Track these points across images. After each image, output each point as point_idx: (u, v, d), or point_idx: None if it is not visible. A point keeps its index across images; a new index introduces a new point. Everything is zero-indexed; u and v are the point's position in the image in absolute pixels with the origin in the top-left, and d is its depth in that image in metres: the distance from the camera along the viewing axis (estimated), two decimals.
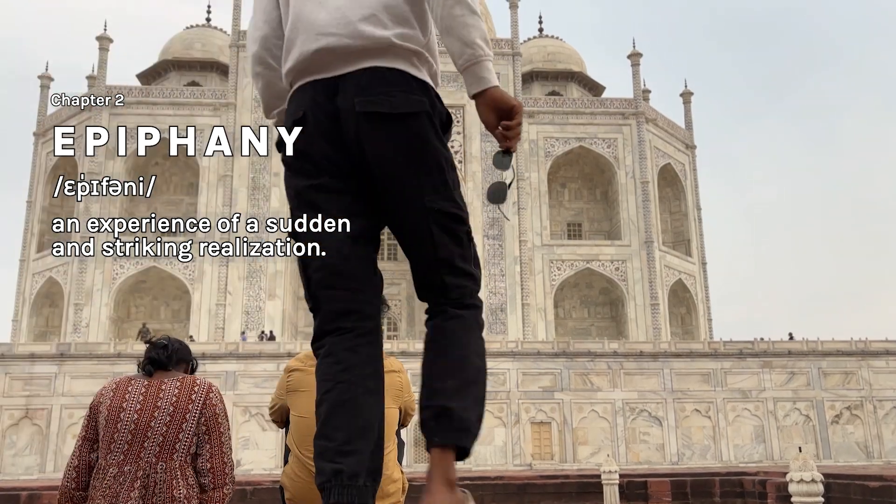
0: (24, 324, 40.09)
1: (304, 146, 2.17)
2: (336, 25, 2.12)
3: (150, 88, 42.41)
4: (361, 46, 2.11)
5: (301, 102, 2.17)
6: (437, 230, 2.12)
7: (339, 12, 2.12)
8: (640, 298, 41.08)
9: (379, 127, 2.07)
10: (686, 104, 49.29)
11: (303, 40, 2.16)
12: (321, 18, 2.13)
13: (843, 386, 32.98)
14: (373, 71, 2.10)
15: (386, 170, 2.09)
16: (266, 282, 38.91)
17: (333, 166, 2.14)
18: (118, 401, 3.25)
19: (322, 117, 2.12)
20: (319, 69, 2.14)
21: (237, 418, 29.40)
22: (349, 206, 2.14)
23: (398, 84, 2.12)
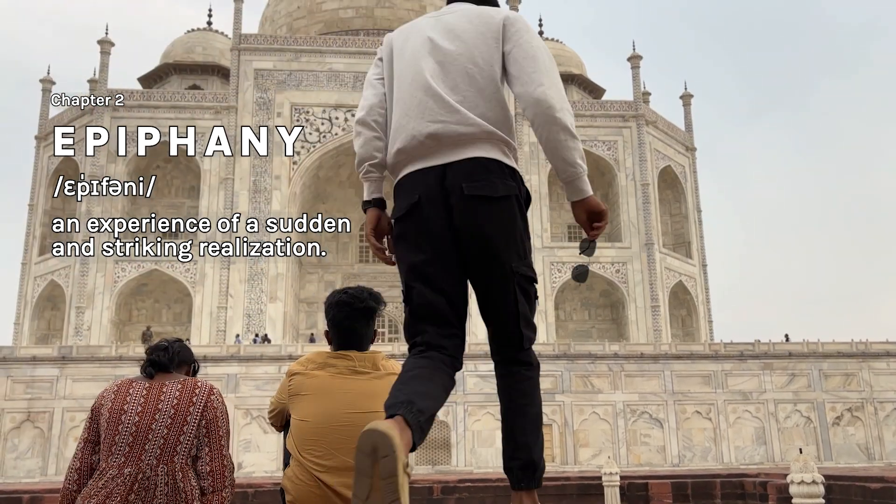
0: (25, 327, 40.13)
1: (418, 226, 2.63)
2: (446, 114, 2.59)
3: (152, 92, 42.51)
4: (468, 134, 2.58)
5: (415, 187, 2.63)
6: (518, 290, 2.61)
7: (448, 104, 2.60)
8: (640, 300, 41.09)
9: (481, 206, 2.55)
10: (686, 106, 49.34)
11: (415, 125, 2.63)
12: (431, 107, 2.61)
13: (843, 388, 32.98)
14: (476, 160, 2.58)
15: (483, 241, 2.57)
16: (267, 284, 38.95)
17: (440, 242, 2.60)
18: (119, 403, 3.27)
19: (434, 201, 2.59)
20: (430, 154, 2.62)
21: (238, 421, 29.42)
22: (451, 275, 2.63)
23: (495, 171, 2.59)
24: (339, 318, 3.53)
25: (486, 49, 2.67)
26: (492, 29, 2.70)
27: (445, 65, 2.66)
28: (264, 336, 36.50)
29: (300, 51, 42.30)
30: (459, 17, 2.78)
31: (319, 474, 3.24)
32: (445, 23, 2.79)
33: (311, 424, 3.33)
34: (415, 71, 2.69)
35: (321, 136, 41.30)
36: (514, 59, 2.64)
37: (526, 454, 2.58)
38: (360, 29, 47.26)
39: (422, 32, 2.79)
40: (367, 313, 3.52)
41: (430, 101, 2.62)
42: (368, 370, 3.47)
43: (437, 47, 2.70)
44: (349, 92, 41.90)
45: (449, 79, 2.64)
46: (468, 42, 2.69)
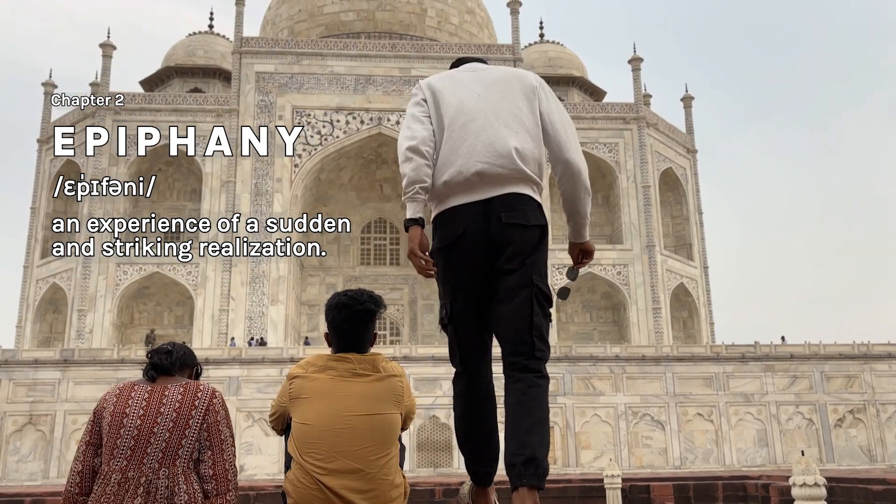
0: (27, 330, 40.16)
1: (462, 256, 3.10)
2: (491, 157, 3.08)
3: (153, 95, 42.58)
4: (508, 175, 3.07)
5: (460, 220, 3.09)
6: (535, 303, 3.01)
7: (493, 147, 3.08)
8: (641, 302, 41.08)
9: (515, 230, 3.05)
10: (687, 108, 49.34)
11: (462, 162, 3.08)
12: (479, 150, 3.09)
13: (845, 389, 32.94)
14: (514, 195, 3.08)
15: (514, 251, 3.04)
16: (269, 287, 38.97)
17: (477, 265, 3.09)
18: (121, 406, 3.27)
19: (477, 234, 3.06)
20: (474, 189, 3.08)
21: (240, 423, 29.42)
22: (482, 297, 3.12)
23: (528, 205, 3.11)
24: (339, 320, 3.54)
25: (527, 102, 3.21)
26: (528, 87, 3.26)
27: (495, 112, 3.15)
28: (260, 339, 36.44)
29: (301, 54, 42.35)
30: (497, 74, 3.33)
31: (321, 477, 3.25)
32: (484, 77, 3.31)
33: (312, 427, 3.33)
34: (467, 118, 3.15)
35: (322, 139, 41.34)
36: (549, 120, 3.20)
37: (529, 451, 2.77)
38: (361, 32, 47.31)
39: (465, 82, 3.29)
40: (367, 316, 3.53)
41: (479, 144, 3.09)
42: (369, 372, 3.47)
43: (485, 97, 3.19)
44: (350, 95, 41.95)
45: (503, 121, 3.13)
46: (511, 94, 3.22)
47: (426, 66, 42.89)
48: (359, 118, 41.76)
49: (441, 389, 29.73)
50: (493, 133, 3.10)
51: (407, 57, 42.93)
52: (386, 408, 3.42)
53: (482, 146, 3.08)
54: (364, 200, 46.54)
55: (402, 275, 46.14)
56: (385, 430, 3.39)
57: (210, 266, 38.91)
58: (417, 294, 45.85)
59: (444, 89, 3.28)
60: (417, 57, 43.00)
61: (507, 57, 43.52)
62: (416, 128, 3.22)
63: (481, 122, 3.13)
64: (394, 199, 46.92)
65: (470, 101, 3.20)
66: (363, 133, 41.70)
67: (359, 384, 3.43)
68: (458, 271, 3.11)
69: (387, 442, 3.38)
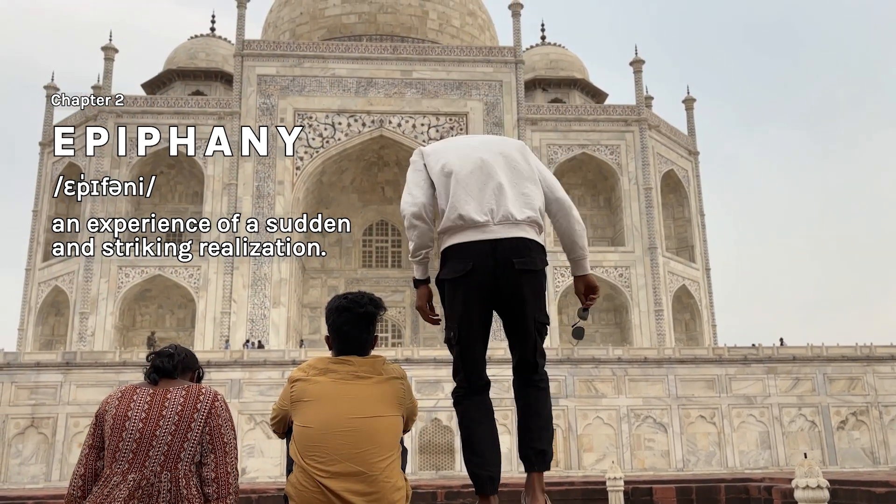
0: (29, 333, 40.20)
1: (469, 288, 3.46)
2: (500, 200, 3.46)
3: (155, 98, 42.64)
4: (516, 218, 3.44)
5: (470, 256, 3.44)
6: (537, 334, 3.56)
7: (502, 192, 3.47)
8: (643, 305, 41.04)
9: (525, 276, 3.44)
10: (689, 110, 49.33)
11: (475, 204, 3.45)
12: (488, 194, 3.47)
13: (848, 391, 32.88)
14: (521, 239, 3.45)
15: (521, 301, 3.48)
16: (271, 290, 38.98)
17: (485, 300, 3.48)
18: (123, 409, 3.27)
19: (485, 269, 3.42)
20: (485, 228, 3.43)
21: (242, 426, 29.42)
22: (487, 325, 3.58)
23: (533, 249, 3.48)
24: (339, 323, 3.54)
25: (521, 155, 3.64)
26: (517, 144, 3.71)
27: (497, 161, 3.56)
28: (258, 342, 36.40)
29: (303, 56, 42.40)
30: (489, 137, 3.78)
31: (323, 480, 3.24)
32: (477, 137, 3.77)
33: (313, 430, 3.33)
34: (474, 165, 3.52)
35: (324, 142, 41.38)
36: (538, 170, 3.65)
37: (539, 444, 3.48)
38: (362, 35, 47.36)
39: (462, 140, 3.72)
40: (367, 318, 3.54)
41: (488, 188, 3.47)
42: (370, 375, 3.47)
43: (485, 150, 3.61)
44: (352, 97, 41.98)
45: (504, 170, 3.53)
46: (506, 148, 3.66)
47: (428, 68, 42.93)
48: (360, 121, 41.79)
49: (443, 392, 29.71)
50: (500, 179, 3.50)
51: (408, 59, 42.97)
52: (388, 410, 3.42)
53: (491, 191, 3.47)
54: (366, 203, 46.57)
55: (403, 277, 46.13)
56: (387, 433, 3.39)
57: (212, 268, 38.94)
58: None
59: (444, 147, 3.69)
60: (419, 59, 43.04)
61: (508, 59, 43.55)
62: (417, 193, 3.59)
63: (488, 170, 3.52)
64: (395, 202, 46.89)
65: (473, 152, 3.59)
66: (365, 135, 41.73)
67: (360, 387, 3.43)
68: (465, 302, 3.48)
69: (389, 444, 3.38)
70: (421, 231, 3.53)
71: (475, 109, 42.50)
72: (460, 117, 42.40)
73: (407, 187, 3.64)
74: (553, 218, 3.66)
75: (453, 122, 42.34)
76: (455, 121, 42.37)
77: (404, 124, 41.96)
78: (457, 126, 42.27)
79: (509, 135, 42.34)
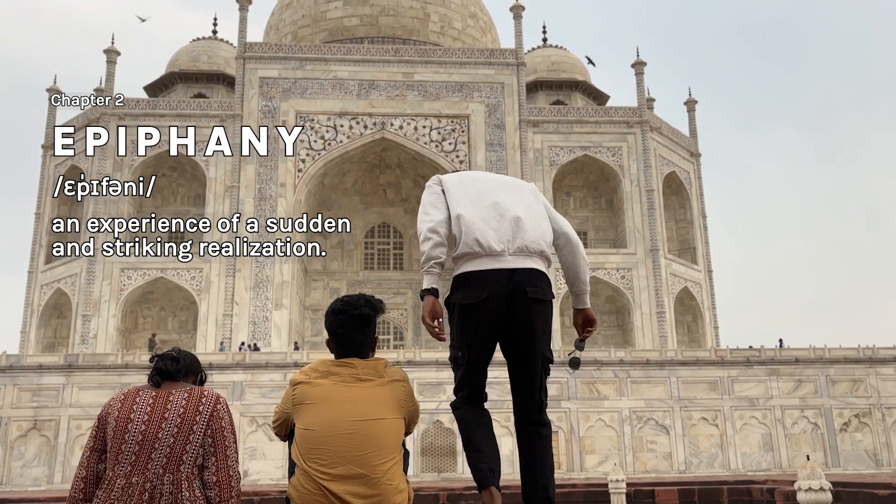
0: (32, 335, 40.24)
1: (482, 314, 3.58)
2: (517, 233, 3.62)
3: (157, 100, 42.70)
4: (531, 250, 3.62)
5: (486, 284, 3.56)
6: (542, 368, 3.71)
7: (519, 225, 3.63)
8: (646, 306, 41.00)
9: (535, 306, 3.59)
10: (690, 112, 49.33)
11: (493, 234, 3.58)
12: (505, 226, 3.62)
13: (851, 393, 32.82)
14: (535, 271, 3.61)
15: (531, 331, 3.62)
16: (273, 292, 38.99)
17: (496, 326, 3.62)
18: (126, 412, 3.28)
19: (500, 297, 3.55)
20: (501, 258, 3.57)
21: (244, 428, 29.43)
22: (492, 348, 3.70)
23: (544, 281, 3.66)
24: (335, 325, 3.55)
25: (532, 196, 3.86)
26: (527, 186, 3.93)
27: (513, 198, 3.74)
28: (253, 345, 36.32)
29: (305, 59, 42.45)
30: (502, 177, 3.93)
31: (325, 483, 3.24)
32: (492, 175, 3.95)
33: (315, 433, 3.33)
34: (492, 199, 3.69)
35: (326, 144, 41.41)
36: (547, 208, 3.86)
37: (545, 493, 3.62)
38: (364, 37, 47.40)
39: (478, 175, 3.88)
40: (362, 320, 3.53)
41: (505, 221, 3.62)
42: (372, 377, 3.47)
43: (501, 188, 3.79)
44: (354, 100, 42.02)
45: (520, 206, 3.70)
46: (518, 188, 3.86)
47: (429, 70, 42.96)
48: (362, 123, 41.82)
49: (445, 394, 29.69)
50: (517, 212, 3.67)
51: (410, 62, 43.01)
52: (390, 413, 3.43)
53: (508, 223, 3.63)
54: (368, 205, 46.59)
55: (405, 279, 46.13)
56: (389, 435, 3.39)
57: (214, 271, 38.97)
58: None
59: (462, 178, 3.87)
60: (421, 62, 43.08)
61: (509, 61, 43.57)
62: (434, 213, 3.74)
63: (506, 205, 3.69)
64: (397, 204, 46.93)
65: (490, 189, 3.77)
66: (367, 138, 41.76)
67: (362, 389, 3.43)
68: (477, 328, 3.62)
69: (390, 447, 3.38)
70: (435, 243, 3.65)
71: (477, 112, 42.52)
72: (462, 119, 42.42)
73: (423, 208, 3.78)
74: (560, 252, 3.87)
75: (455, 125, 42.35)
76: (457, 123, 42.39)
77: (406, 126, 41.98)
78: (458, 128, 42.28)
79: (510, 137, 42.38)
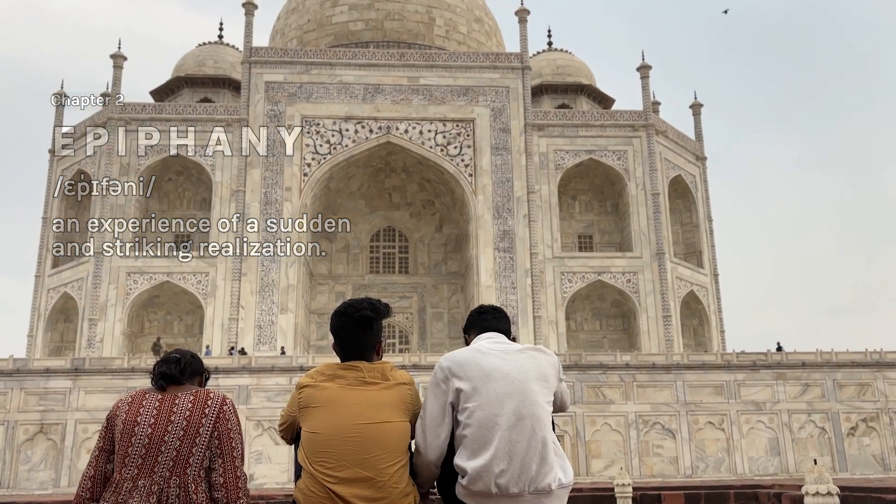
0: (39, 339, 40.36)
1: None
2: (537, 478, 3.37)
3: (163, 105, 42.86)
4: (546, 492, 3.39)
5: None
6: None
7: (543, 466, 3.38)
8: (651, 310, 40.91)
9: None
10: (696, 116, 49.26)
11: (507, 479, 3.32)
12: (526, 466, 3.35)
13: (858, 398, 32.66)
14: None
15: None
16: (278, 296, 39.05)
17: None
18: (133, 415, 3.29)
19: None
20: (516, 501, 3.34)
21: (250, 432, 29.45)
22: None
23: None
24: (337, 328, 3.57)
25: (555, 378, 3.60)
26: (552, 369, 3.60)
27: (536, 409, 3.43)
28: (241, 349, 36.27)
29: (310, 63, 42.56)
30: (524, 361, 3.54)
31: (332, 486, 3.24)
32: (517, 364, 3.52)
33: (321, 436, 3.33)
34: (513, 415, 3.38)
35: (331, 148, 41.49)
36: (560, 392, 3.66)
37: None
38: (369, 41, 47.51)
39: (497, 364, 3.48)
40: (364, 323, 3.54)
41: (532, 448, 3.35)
42: (378, 381, 3.48)
43: (526, 385, 3.45)
44: (359, 104, 42.10)
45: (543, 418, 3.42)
46: (542, 373, 3.55)
47: (434, 74, 43.01)
48: (367, 127, 41.90)
49: None
50: (544, 432, 3.40)
51: (415, 66, 43.08)
52: (395, 416, 3.43)
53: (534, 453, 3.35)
54: (373, 209, 46.64)
55: (410, 283, 46.14)
56: (395, 438, 3.39)
57: (220, 275, 39.06)
58: (426, 302, 45.85)
59: (474, 374, 3.48)
60: (426, 66, 43.15)
61: (515, 65, 43.60)
62: (433, 441, 3.45)
63: (531, 423, 3.39)
64: (402, 208, 46.96)
65: (508, 399, 3.42)
66: (372, 142, 41.83)
67: (368, 392, 3.43)
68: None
69: (397, 450, 3.38)
70: (432, 475, 3.53)
71: (482, 115, 42.54)
72: (467, 123, 42.45)
73: (428, 416, 3.47)
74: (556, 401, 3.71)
75: (460, 129, 42.39)
76: (462, 127, 42.42)
77: (411, 130, 42.04)
78: (463, 132, 42.31)
79: (516, 141, 42.30)
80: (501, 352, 3.57)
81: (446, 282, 46.27)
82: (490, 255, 40.70)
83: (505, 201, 41.43)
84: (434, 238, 47.03)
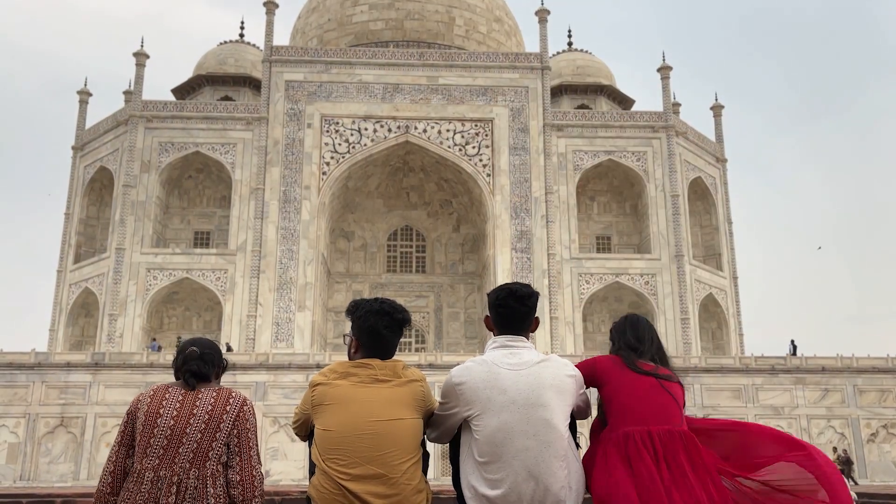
0: (60, 333, 40.89)
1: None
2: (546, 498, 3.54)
3: (185, 103, 43.23)
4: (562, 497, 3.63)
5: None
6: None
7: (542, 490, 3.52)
8: (669, 313, 40.67)
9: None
10: (717, 117, 48.89)
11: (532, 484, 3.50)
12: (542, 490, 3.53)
13: (879, 404, 32.27)
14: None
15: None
16: (296, 293, 39.27)
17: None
18: (155, 407, 3.35)
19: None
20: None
21: (266, 429, 29.64)
22: None
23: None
24: (378, 326, 3.60)
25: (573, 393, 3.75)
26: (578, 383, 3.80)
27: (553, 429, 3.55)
28: (227, 346, 36.17)
29: (330, 63, 42.74)
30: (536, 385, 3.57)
31: (345, 483, 3.28)
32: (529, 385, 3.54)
33: (334, 434, 3.37)
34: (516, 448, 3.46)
35: (350, 147, 41.65)
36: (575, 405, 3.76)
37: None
38: (389, 41, 47.62)
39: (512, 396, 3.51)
40: (402, 325, 3.68)
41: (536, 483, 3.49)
42: (390, 378, 3.51)
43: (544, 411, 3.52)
44: (378, 103, 42.22)
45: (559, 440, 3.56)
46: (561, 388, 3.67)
47: (454, 74, 43.03)
48: (386, 126, 42.01)
49: None
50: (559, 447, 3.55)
51: (435, 65, 43.12)
52: (408, 413, 3.46)
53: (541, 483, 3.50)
54: (391, 208, 46.76)
55: (427, 282, 46.20)
56: (407, 436, 3.42)
57: (238, 272, 39.35)
58: (443, 302, 45.89)
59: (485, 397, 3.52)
60: (445, 65, 43.18)
61: (534, 65, 43.50)
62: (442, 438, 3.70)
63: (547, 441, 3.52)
64: (420, 207, 47.04)
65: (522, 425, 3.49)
66: (391, 141, 41.93)
67: (380, 390, 3.47)
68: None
69: (409, 447, 3.41)
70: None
71: (501, 115, 42.50)
72: (486, 123, 42.43)
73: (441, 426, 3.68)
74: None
75: (479, 128, 42.38)
76: (480, 126, 42.41)
77: (430, 130, 42.09)
78: (482, 132, 42.30)
79: (534, 141, 42.21)
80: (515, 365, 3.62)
81: (463, 282, 46.28)
82: (507, 256, 40.64)
83: (523, 201, 41.35)
84: (451, 238, 47.06)
